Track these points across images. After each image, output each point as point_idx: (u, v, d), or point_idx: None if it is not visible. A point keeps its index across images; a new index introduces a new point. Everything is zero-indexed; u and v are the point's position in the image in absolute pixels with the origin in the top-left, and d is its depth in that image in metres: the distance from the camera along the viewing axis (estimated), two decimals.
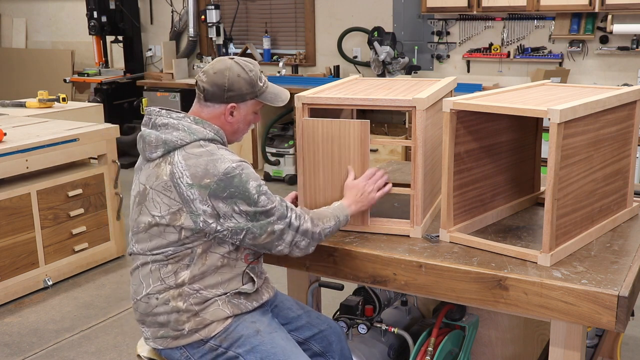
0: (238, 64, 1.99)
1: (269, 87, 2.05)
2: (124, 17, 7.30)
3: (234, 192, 1.87)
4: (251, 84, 1.99)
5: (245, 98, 2.00)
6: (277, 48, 7.01)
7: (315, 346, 2.18)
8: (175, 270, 1.93)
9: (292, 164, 6.34)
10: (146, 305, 1.98)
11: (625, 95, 2.15)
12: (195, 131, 1.95)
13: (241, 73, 1.98)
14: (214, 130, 1.98)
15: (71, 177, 4.12)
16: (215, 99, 1.98)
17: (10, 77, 8.64)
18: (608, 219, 2.20)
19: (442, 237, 2.13)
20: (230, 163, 1.89)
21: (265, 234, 1.93)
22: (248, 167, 1.93)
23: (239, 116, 2.01)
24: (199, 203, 1.87)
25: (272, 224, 1.93)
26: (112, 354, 3.30)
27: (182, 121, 1.96)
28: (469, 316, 2.44)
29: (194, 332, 1.95)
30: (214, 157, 1.90)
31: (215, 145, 1.95)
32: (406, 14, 6.19)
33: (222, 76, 1.97)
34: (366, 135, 2.12)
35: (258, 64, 2.06)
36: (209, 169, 1.88)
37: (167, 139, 1.93)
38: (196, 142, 1.93)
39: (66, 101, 5.26)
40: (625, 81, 5.37)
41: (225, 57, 2.04)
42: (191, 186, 1.87)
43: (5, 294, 3.81)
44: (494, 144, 2.23)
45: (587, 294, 1.75)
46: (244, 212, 1.90)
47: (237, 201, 1.88)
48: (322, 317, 2.24)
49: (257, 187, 1.90)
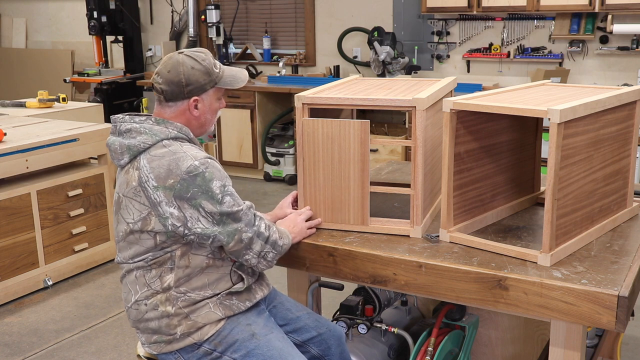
0: (189, 56, 1.95)
1: (226, 71, 2.02)
2: (124, 17, 7.30)
3: (197, 191, 1.84)
4: (207, 73, 1.96)
5: (205, 88, 1.96)
6: (277, 48, 7.01)
7: (314, 349, 2.15)
8: (159, 274, 1.92)
9: (292, 164, 6.35)
10: (137, 312, 1.97)
11: (625, 95, 2.15)
12: (158, 132, 1.92)
13: (194, 65, 1.94)
14: (177, 128, 1.95)
15: (71, 177, 4.12)
16: (176, 97, 1.95)
17: (10, 77, 8.64)
18: (608, 219, 2.20)
19: (442, 237, 2.13)
20: (193, 161, 1.85)
21: (234, 242, 1.90)
22: (213, 165, 1.89)
23: (203, 107, 1.98)
24: (165, 205, 1.85)
25: (240, 231, 1.90)
26: (112, 354, 3.30)
27: (144, 124, 1.93)
28: (469, 316, 2.44)
29: (187, 335, 1.93)
30: (177, 156, 1.86)
31: (179, 143, 1.92)
32: (406, 14, 6.19)
33: (176, 73, 1.93)
34: (366, 135, 2.12)
35: (209, 51, 2.03)
36: (172, 169, 1.85)
37: (131, 144, 1.91)
38: (159, 143, 1.91)
39: (66, 101, 5.26)
40: (625, 81, 5.37)
41: (174, 52, 2.00)
42: (157, 188, 1.85)
43: (5, 294, 3.81)
44: (494, 144, 2.23)
45: (587, 294, 1.75)
46: (210, 214, 1.86)
47: (201, 201, 1.84)
48: (321, 319, 2.22)
49: (222, 186, 1.87)
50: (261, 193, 6.10)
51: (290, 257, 2.18)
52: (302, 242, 2.17)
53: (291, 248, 2.15)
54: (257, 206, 5.95)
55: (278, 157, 6.39)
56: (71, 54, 8.24)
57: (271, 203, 5.65)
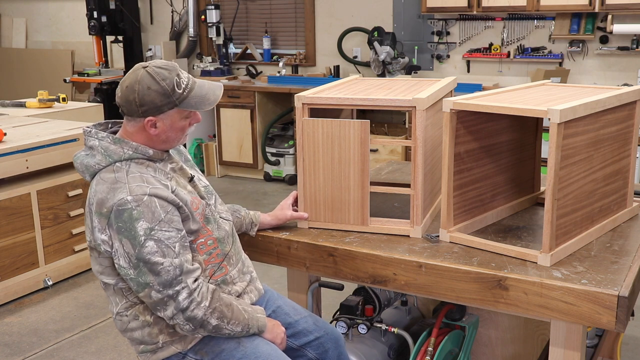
0: (149, 74, 1.82)
1: (194, 91, 1.86)
2: (124, 17, 7.30)
3: (121, 227, 1.74)
4: (165, 94, 1.82)
5: (162, 110, 1.83)
6: (277, 48, 7.01)
7: (311, 353, 2.12)
8: None
9: (292, 164, 6.35)
10: (121, 322, 1.94)
11: (625, 95, 2.15)
12: (112, 153, 1.85)
13: (152, 85, 1.81)
14: (132, 147, 1.86)
15: (71, 177, 4.11)
16: (131, 113, 1.85)
17: (10, 77, 8.64)
18: (608, 219, 2.20)
19: (442, 237, 2.13)
20: (127, 195, 1.75)
21: (143, 294, 1.79)
22: (147, 205, 1.75)
23: (163, 127, 1.86)
24: (98, 232, 1.79)
25: (151, 287, 1.76)
26: (112, 354, 3.30)
27: (102, 142, 1.86)
28: (469, 316, 2.44)
29: (170, 344, 1.90)
30: (116, 186, 1.78)
31: (127, 169, 1.83)
32: (406, 14, 6.19)
33: (132, 91, 1.82)
34: (366, 135, 2.12)
35: (177, 67, 1.88)
36: (108, 198, 1.77)
37: (88, 164, 1.87)
38: (111, 165, 1.84)
39: (66, 101, 5.26)
40: (625, 81, 5.37)
41: (141, 64, 1.87)
42: (95, 213, 1.80)
43: (5, 294, 3.81)
44: (494, 144, 2.23)
45: (587, 294, 1.75)
46: (128, 255, 1.75)
47: (123, 238, 1.75)
48: (320, 322, 2.18)
49: (148, 229, 1.74)
50: (261, 193, 6.10)
51: (290, 257, 2.19)
52: (302, 242, 2.17)
53: (291, 248, 2.15)
54: (257, 206, 5.91)
55: (278, 157, 6.39)
56: (71, 54, 8.24)
57: (271, 203, 5.66)
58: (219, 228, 1.99)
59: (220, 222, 2.02)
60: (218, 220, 2.00)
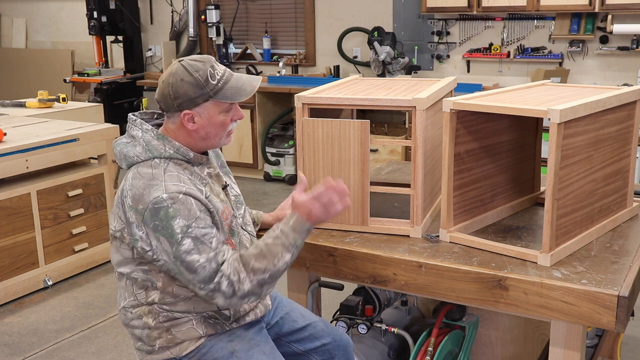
0: (183, 66, 1.81)
1: (230, 82, 1.84)
2: (124, 17, 7.31)
3: (157, 225, 1.73)
4: (198, 85, 1.80)
5: (197, 102, 1.81)
6: (277, 48, 7.02)
7: (316, 359, 2.11)
8: (146, 287, 1.88)
9: (292, 164, 6.35)
10: (124, 317, 1.96)
11: (625, 95, 2.15)
12: (153, 148, 1.83)
13: (185, 76, 1.80)
14: (174, 147, 1.84)
15: (71, 177, 4.12)
16: (168, 108, 1.84)
17: (10, 77, 8.64)
18: (608, 219, 2.20)
19: (442, 237, 2.13)
20: (162, 193, 1.73)
21: (191, 288, 1.79)
22: (183, 202, 1.74)
23: (201, 121, 1.84)
24: (136, 228, 1.78)
25: (194, 285, 1.76)
26: (112, 354, 3.30)
27: (146, 135, 1.85)
28: (469, 316, 2.44)
29: (165, 349, 1.90)
30: (153, 183, 1.76)
31: (165, 167, 1.81)
32: (406, 14, 6.19)
33: (167, 85, 1.82)
34: (366, 135, 2.12)
35: (212, 59, 1.86)
36: (144, 195, 1.75)
37: (127, 155, 1.85)
38: (150, 160, 1.82)
39: (66, 101, 5.26)
40: (625, 81, 5.37)
41: (177, 59, 1.87)
42: (131, 208, 1.77)
43: (5, 294, 3.81)
44: (494, 144, 2.23)
45: (587, 294, 1.75)
46: (166, 252, 1.75)
47: (160, 237, 1.74)
48: (328, 328, 2.15)
49: (185, 227, 1.72)
50: (261, 193, 6.10)
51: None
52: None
53: None
54: (257, 206, 5.91)
55: (278, 157, 6.39)
56: (71, 54, 8.24)
57: (271, 203, 5.66)
58: (240, 243, 1.98)
59: (242, 237, 2.00)
60: (241, 234, 1.99)
